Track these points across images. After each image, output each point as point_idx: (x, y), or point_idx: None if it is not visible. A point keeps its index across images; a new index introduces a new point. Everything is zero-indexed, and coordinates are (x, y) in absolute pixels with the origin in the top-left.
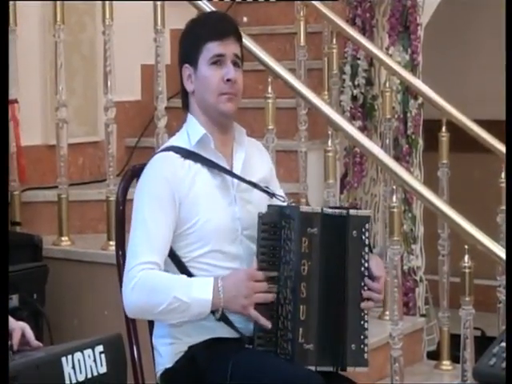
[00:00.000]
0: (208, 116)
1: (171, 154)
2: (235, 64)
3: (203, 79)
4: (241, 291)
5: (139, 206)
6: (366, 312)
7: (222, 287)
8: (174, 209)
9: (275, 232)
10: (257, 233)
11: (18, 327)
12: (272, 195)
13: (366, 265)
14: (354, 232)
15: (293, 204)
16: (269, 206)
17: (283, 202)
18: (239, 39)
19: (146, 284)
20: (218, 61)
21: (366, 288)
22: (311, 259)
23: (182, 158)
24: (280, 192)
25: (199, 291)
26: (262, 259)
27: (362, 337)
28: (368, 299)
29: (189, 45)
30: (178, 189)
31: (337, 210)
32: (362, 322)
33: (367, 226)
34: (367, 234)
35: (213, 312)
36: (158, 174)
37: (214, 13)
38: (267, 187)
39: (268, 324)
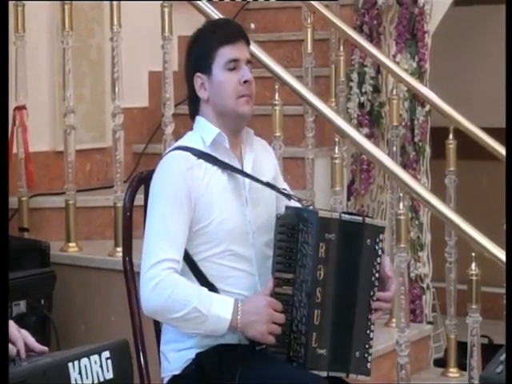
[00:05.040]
0: (222, 121)
1: (186, 152)
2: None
3: (220, 84)
4: (260, 318)
5: (155, 202)
6: (372, 322)
7: (242, 311)
8: (190, 206)
9: (293, 234)
10: (274, 233)
11: (20, 337)
12: (289, 197)
13: (377, 275)
14: (368, 241)
15: (310, 207)
16: (287, 207)
17: (299, 202)
18: (248, 43)
19: (167, 287)
20: (233, 66)
21: (375, 298)
22: (327, 264)
23: (196, 157)
24: (286, 187)
25: (219, 308)
26: (278, 260)
27: (366, 346)
28: (377, 309)
29: (199, 53)
30: (194, 187)
31: (354, 217)
32: (368, 332)
33: (381, 236)
34: (381, 245)
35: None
36: (175, 170)
37: (220, 19)
38: (284, 189)
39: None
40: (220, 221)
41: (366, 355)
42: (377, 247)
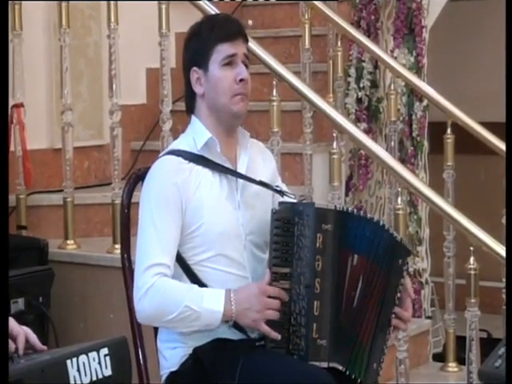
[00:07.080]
0: (217, 118)
1: (177, 157)
2: (245, 65)
3: (215, 81)
4: (253, 306)
5: (147, 208)
6: (388, 338)
7: (235, 300)
8: (181, 212)
9: (288, 228)
10: (270, 228)
11: (22, 332)
12: (282, 194)
13: (399, 295)
14: (400, 261)
15: (304, 201)
16: (280, 202)
17: (293, 199)
18: (246, 40)
19: (157, 292)
20: (230, 62)
21: (393, 316)
22: (325, 255)
23: (187, 161)
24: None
25: (210, 302)
26: (274, 255)
27: (381, 360)
28: (395, 327)
29: (197, 48)
30: (184, 193)
31: (395, 234)
32: (384, 347)
33: (408, 259)
34: (407, 267)
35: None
36: (165, 177)
37: (220, 15)
38: (277, 186)
39: (278, 336)
40: (210, 224)
41: (379, 369)
42: (404, 268)
